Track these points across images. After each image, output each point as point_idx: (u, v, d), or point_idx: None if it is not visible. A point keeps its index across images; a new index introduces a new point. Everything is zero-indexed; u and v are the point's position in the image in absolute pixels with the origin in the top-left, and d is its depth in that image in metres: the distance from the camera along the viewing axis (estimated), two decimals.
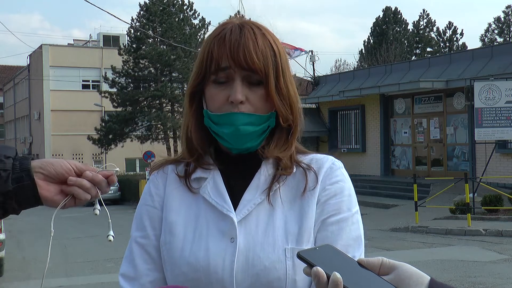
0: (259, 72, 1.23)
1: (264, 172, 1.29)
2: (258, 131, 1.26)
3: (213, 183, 1.30)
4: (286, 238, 1.23)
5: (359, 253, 1.24)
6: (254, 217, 1.25)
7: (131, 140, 31.62)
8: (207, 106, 1.28)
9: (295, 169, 1.30)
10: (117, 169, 1.21)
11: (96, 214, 1.22)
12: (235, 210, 1.26)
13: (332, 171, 1.30)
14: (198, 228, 1.27)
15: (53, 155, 42.24)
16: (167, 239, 1.29)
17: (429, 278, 0.91)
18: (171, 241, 1.28)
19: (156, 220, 1.32)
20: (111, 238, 1.24)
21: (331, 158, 1.33)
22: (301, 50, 25.12)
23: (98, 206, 1.22)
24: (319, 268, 0.88)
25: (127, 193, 29.79)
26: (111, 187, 1.21)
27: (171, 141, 30.55)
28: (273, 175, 1.28)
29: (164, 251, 1.29)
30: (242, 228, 1.24)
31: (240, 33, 1.24)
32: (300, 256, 0.93)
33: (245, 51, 1.22)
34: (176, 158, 1.39)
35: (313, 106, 25.86)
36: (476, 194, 14.73)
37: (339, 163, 1.33)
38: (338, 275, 0.86)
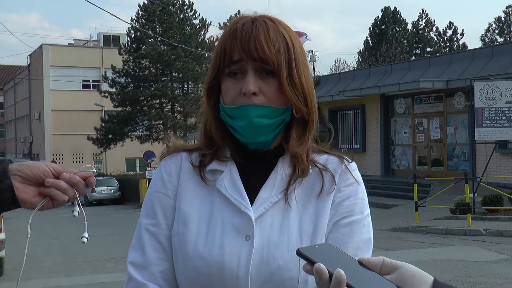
0: (270, 63, 1.22)
1: (281, 171, 1.29)
2: (273, 125, 1.25)
3: (230, 177, 1.29)
4: (301, 238, 1.23)
5: (368, 256, 1.20)
6: (269, 216, 1.25)
7: (131, 140, 31.63)
8: (223, 99, 1.29)
9: (311, 170, 1.30)
10: (94, 170, 1.21)
11: (74, 216, 1.21)
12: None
13: (348, 173, 1.31)
14: (212, 223, 1.25)
15: (53, 155, 42.28)
16: (180, 230, 1.26)
17: (432, 278, 0.90)
18: (184, 233, 1.26)
19: (168, 209, 1.30)
20: (84, 240, 1.23)
21: (346, 159, 1.35)
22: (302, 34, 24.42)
23: (76, 208, 1.22)
24: (321, 264, 0.86)
25: (127, 193, 29.63)
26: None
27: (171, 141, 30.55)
28: (290, 174, 1.28)
29: (176, 242, 1.26)
30: (258, 226, 1.23)
31: (252, 26, 1.25)
32: (299, 253, 0.90)
33: (256, 42, 1.22)
34: (189, 147, 1.38)
35: None
36: (476, 194, 14.72)
37: (354, 165, 1.34)
38: (341, 272, 0.84)
